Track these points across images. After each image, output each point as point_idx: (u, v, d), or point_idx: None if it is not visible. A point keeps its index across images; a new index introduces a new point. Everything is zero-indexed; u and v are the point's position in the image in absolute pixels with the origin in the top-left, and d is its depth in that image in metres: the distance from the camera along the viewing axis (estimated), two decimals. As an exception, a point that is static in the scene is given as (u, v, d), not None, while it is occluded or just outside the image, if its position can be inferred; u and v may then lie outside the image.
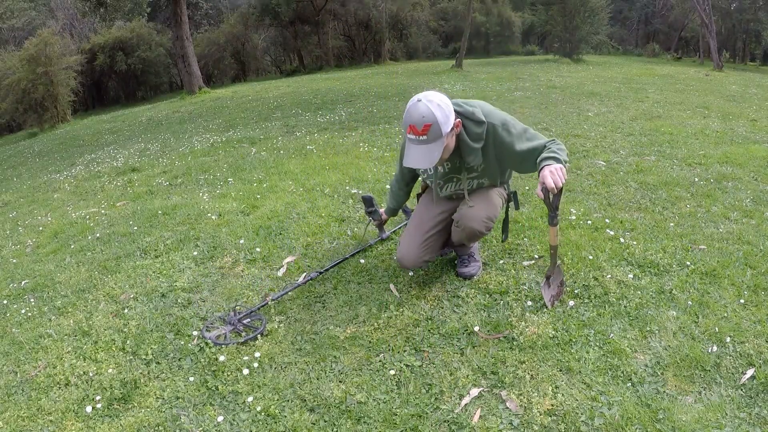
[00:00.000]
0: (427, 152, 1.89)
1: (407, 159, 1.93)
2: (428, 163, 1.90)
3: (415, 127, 1.85)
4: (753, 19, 23.94)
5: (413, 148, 1.90)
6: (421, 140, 1.87)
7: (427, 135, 1.85)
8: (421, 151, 1.89)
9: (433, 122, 1.84)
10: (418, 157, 1.90)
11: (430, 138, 1.86)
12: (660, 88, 9.06)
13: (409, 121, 1.86)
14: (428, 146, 1.88)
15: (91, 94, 26.97)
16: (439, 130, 1.85)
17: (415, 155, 1.90)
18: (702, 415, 1.55)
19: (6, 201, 5.24)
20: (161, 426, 1.66)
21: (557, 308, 2.11)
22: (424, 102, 1.85)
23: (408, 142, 1.92)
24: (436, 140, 1.87)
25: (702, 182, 3.57)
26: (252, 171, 4.61)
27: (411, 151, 1.91)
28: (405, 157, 1.95)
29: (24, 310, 2.52)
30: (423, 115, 1.84)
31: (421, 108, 1.85)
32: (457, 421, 1.59)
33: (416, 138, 1.87)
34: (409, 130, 1.87)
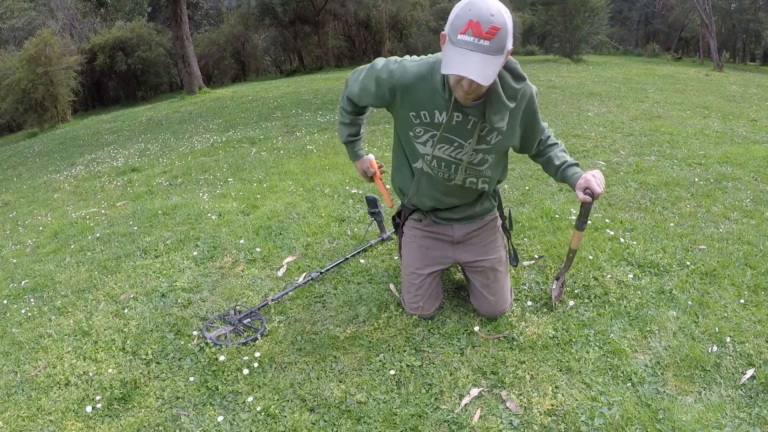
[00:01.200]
0: (486, 63, 1.37)
1: (455, 65, 1.39)
2: (485, 77, 1.38)
3: (478, 26, 1.34)
4: (753, 19, 23.92)
5: (467, 53, 1.37)
6: (481, 45, 1.35)
7: (492, 40, 1.35)
8: (478, 59, 1.36)
9: (502, 26, 1.36)
10: (474, 65, 1.37)
11: (494, 46, 1.36)
12: (660, 88, 9.06)
13: (471, 15, 1.35)
14: (489, 57, 1.37)
15: (91, 94, 26.96)
16: (505, 38, 1.38)
17: (468, 62, 1.37)
18: (702, 415, 1.55)
19: (6, 201, 5.24)
20: (161, 426, 1.66)
21: (557, 308, 2.11)
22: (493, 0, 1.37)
23: (456, 47, 1.39)
24: (498, 53, 1.38)
25: (702, 182, 3.57)
26: (252, 171, 4.61)
27: (462, 56, 1.37)
28: (449, 62, 1.40)
29: (24, 310, 2.52)
30: (492, 13, 1.35)
31: (490, 4, 1.35)
32: (457, 421, 1.59)
33: (474, 41, 1.35)
34: (466, 29, 1.35)
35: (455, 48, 1.39)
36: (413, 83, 1.64)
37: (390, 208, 2.08)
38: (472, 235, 2.00)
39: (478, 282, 2.02)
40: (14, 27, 22.00)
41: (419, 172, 1.85)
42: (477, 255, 2.00)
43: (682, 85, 9.79)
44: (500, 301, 2.03)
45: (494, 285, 2.01)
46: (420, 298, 2.03)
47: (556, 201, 3.28)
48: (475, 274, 2.03)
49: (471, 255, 2.01)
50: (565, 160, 1.87)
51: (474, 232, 2.00)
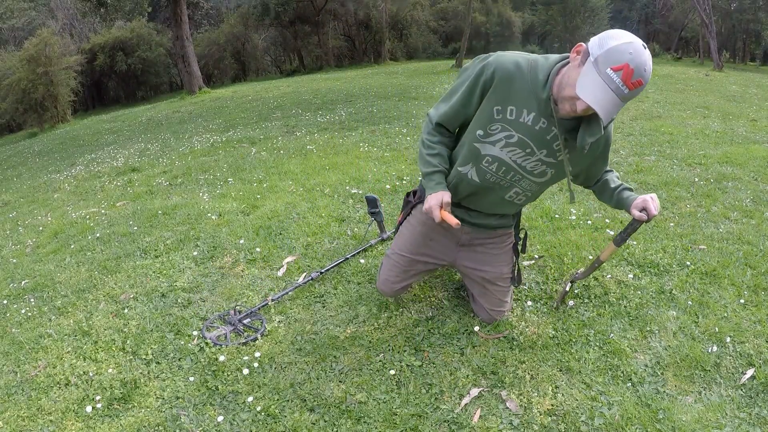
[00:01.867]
0: (617, 107, 1.44)
1: (591, 94, 1.42)
2: (609, 116, 1.45)
3: (630, 74, 1.38)
4: (753, 19, 23.95)
5: (606, 89, 1.41)
6: (622, 90, 1.40)
7: (631, 92, 1.41)
8: (612, 100, 1.42)
9: (646, 83, 1.42)
10: (607, 103, 1.42)
11: (630, 96, 1.43)
12: (660, 88, 9.06)
13: (629, 60, 1.38)
14: (620, 102, 1.43)
15: (91, 94, 26.98)
16: (639, 93, 1.46)
17: (604, 98, 1.42)
18: (702, 415, 1.55)
19: (6, 201, 5.24)
20: (161, 426, 1.66)
21: (559, 308, 2.11)
22: (649, 55, 1.43)
23: (601, 79, 1.41)
24: (627, 101, 1.46)
25: (702, 182, 3.57)
26: (252, 171, 4.61)
27: (601, 90, 1.41)
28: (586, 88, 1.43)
29: (24, 310, 2.52)
30: (646, 69, 1.39)
31: (648, 60, 1.41)
32: (457, 421, 1.59)
33: (620, 84, 1.39)
34: (619, 69, 1.39)
35: (598, 78, 1.42)
36: (512, 73, 1.58)
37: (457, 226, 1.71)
38: (479, 242, 1.96)
39: (475, 289, 2.04)
40: (14, 27, 22.01)
41: (459, 177, 1.78)
42: (477, 264, 1.97)
43: (682, 85, 9.79)
44: (496, 310, 2.02)
45: (490, 296, 2.00)
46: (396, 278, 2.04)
47: (556, 201, 3.28)
48: (471, 282, 2.03)
49: (471, 262, 1.97)
50: (620, 183, 1.83)
51: (481, 240, 1.96)
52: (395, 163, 4.35)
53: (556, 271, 2.39)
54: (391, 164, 4.31)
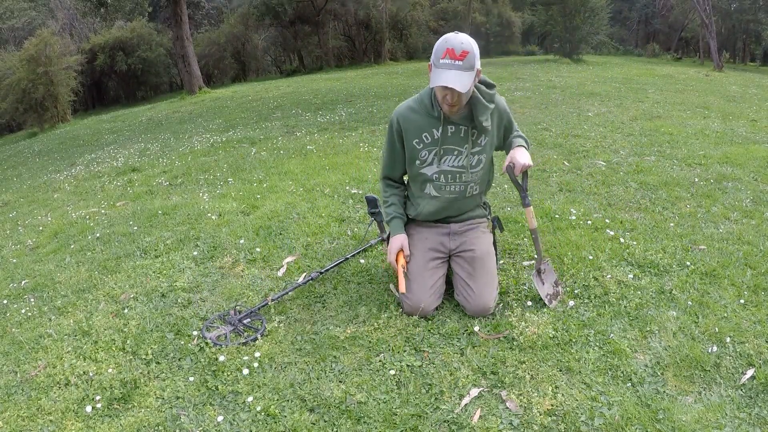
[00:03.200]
0: (462, 76, 1.84)
1: (440, 79, 1.84)
2: (463, 86, 1.84)
3: (453, 51, 1.83)
4: (753, 20, 23.93)
5: (447, 71, 1.84)
6: (457, 65, 1.83)
7: (464, 60, 1.83)
8: (456, 74, 1.84)
9: (470, 50, 1.84)
10: (453, 78, 1.83)
11: (466, 64, 1.84)
12: (660, 88, 9.06)
13: (447, 45, 1.84)
14: (463, 72, 1.84)
15: (91, 94, 26.96)
16: (474, 59, 1.85)
17: (449, 76, 1.84)
18: (702, 415, 1.55)
19: (6, 201, 5.24)
20: (161, 426, 1.66)
21: (557, 308, 2.11)
22: (462, 34, 1.87)
23: (439, 69, 1.86)
24: (469, 69, 1.85)
25: (702, 182, 3.57)
26: (252, 171, 4.61)
27: (444, 73, 1.84)
28: (436, 78, 1.86)
29: (24, 309, 2.52)
30: (462, 42, 1.84)
31: (460, 36, 1.87)
32: (457, 421, 1.59)
33: (452, 62, 1.83)
34: (445, 54, 1.84)
35: (438, 69, 1.87)
36: (408, 115, 2.07)
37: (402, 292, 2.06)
38: (464, 230, 2.23)
39: (463, 271, 2.12)
40: (14, 27, 22.00)
41: (424, 198, 2.19)
42: (467, 245, 2.19)
43: (682, 85, 9.79)
44: (483, 292, 2.05)
45: (477, 276, 2.08)
46: (422, 292, 2.05)
47: (556, 201, 3.28)
48: (462, 261, 2.15)
49: (462, 244, 2.19)
50: (515, 135, 2.20)
51: (466, 228, 2.24)
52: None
53: (556, 271, 2.39)
54: (391, 164, 4.31)
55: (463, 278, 2.11)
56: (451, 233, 2.22)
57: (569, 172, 3.92)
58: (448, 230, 2.22)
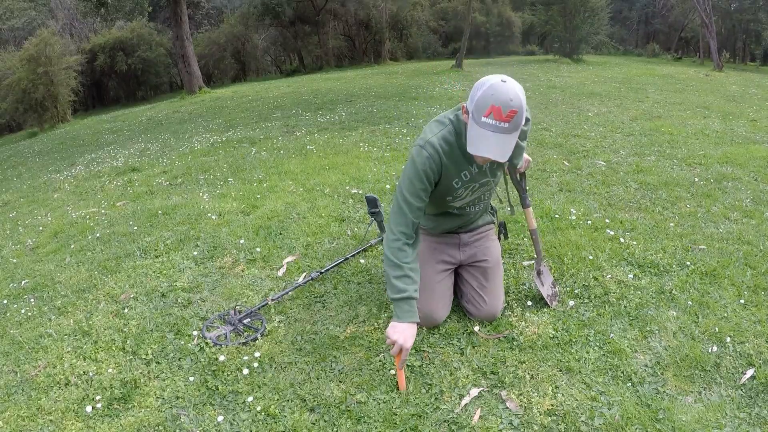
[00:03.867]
0: (505, 142, 1.59)
1: (479, 147, 1.60)
2: (504, 155, 1.60)
3: (499, 111, 1.54)
4: (753, 20, 23.92)
5: (488, 135, 1.58)
6: (501, 127, 1.56)
7: (510, 123, 1.56)
8: (498, 140, 1.58)
9: (519, 108, 1.56)
10: (495, 146, 1.58)
11: (512, 127, 1.58)
12: (660, 88, 9.06)
13: (493, 101, 1.55)
14: (507, 136, 1.59)
15: (92, 94, 26.95)
16: (521, 118, 1.59)
17: (489, 143, 1.58)
18: (702, 415, 1.55)
19: (6, 201, 5.24)
20: (161, 426, 1.66)
21: (558, 308, 2.11)
22: (511, 85, 1.57)
23: (480, 128, 1.59)
24: (515, 130, 1.59)
25: (702, 182, 3.57)
26: (252, 171, 4.61)
27: (484, 138, 1.59)
28: (475, 144, 1.61)
29: (24, 310, 2.52)
30: (511, 99, 1.54)
31: (509, 90, 1.55)
32: (457, 421, 1.59)
33: (496, 124, 1.56)
34: (489, 113, 1.56)
35: (479, 129, 1.60)
36: (447, 150, 1.79)
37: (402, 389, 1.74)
38: (474, 239, 2.15)
39: (476, 281, 2.07)
40: (14, 27, 21.99)
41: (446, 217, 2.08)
42: (481, 255, 2.12)
43: (682, 85, 9.79)
44: (494, 303, 2.04)
45: (490, 287, 2.04)
46: (432, 300, 2.01)
47: (556, 201, 3.28)
48: (475, 272, 2.09)
49: (474, 256, 2.12)
50: None
51: (477, 236, 2.16)
52: (395, 163, 4.35)
53: (556, 271, 2.39)
54: (391, 164, 4.32)
55: (476, 288, 2.06)
56: (461, 244, 2.12)
57: (569, 172, 3.92)
58: (458, 241, 2.13)
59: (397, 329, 1.68)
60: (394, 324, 1.71)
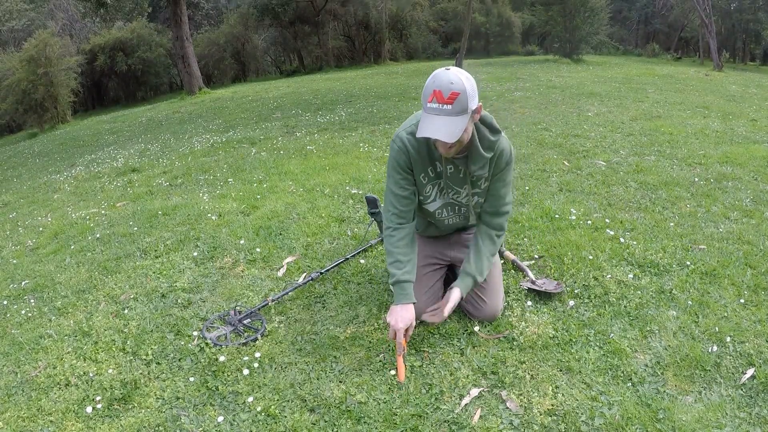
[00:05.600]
0: (450, 123, 1.62)
1: (425, 129, 1.64)
2: (450, 135, 1.62)
3: (440, 93, 1.60)
4: (753, 19, 23.93)
5: (433, 118, 1.63)
6: (444, 109, 1.61)
7: (453, 104, 1.60)
8: (443, 122, 1.62)
9: (461, 91, 1.60)
10: (440, 127, 1.62)
11: (456, 109, 1.61)
12: (660, 88, 9.06)
13: (434, 86, 1.62)
14: (452, 118, 1.62)
15: (91, 95, 26.94)
16: (466, 102, 1.61)
17: (435, 125, 1.62)
18: (702, 415, 1.55)
19: (6, 201, 5.24)
20: (161, 426, 1.66)
21: (557, 308, 2.11)
22: (453, 71, 1.63)
23: (426, 114, 1.65)
24: (461, 113, 1.62)
25: (702, 182, 3.57)
26: (252, 171, 4.61)
27: (430, 120, 1.64)
28: (421, 128, 1.65)
29: (24, 310, 2.52)
30: (452, 82, 1.60)
31: (450, 75, 1.62)
32: (457, 421, 1.59)
33: (439, 107, 1.61)
34: (432, 98, 1.62)
35: (425, 114, 1.66)
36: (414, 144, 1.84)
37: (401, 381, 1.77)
38: (467, 238, 2.16)
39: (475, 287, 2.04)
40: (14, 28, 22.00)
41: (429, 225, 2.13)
42: None
43: (682, 85, 9.79)
44: (494, 303, 2.03)
45: (489, 287, 2.02)
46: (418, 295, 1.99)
47: (556, 201, 3.28)
48: None
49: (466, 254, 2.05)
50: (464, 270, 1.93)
51: (467, 236, 2.17)
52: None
53: (556, 271, 2.39)
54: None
55: (476, 291, 2.02)
56: (452, 242, 2.16)
57: (569, 172, 3.92)
58: (448, 240, 2.17)
59: (391, 312, 1.84)
60: (391, 308, 1.85)
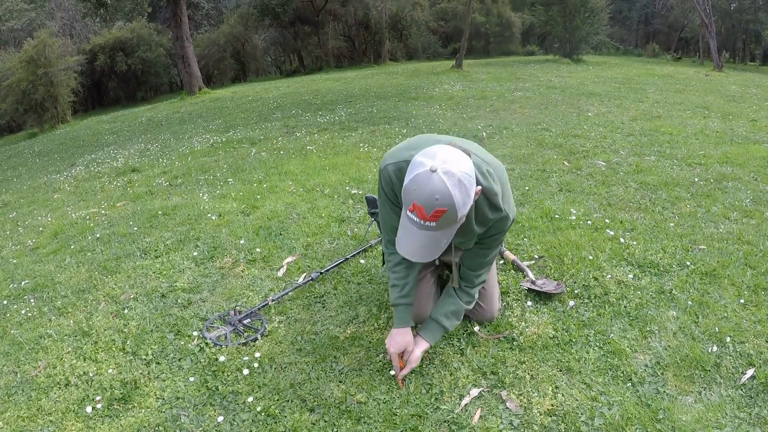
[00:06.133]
0: (432, 242, 1.38)
1: (403, 245, 1.41)
2: (431, 256, 1.41)
3: (422, 210, 1.30)
4: (753, 20, 23.94)
5: (413, 231, 1.37)
6: (427, 226, 1.34)
7: (438, 222, 1.32)
8: (423, 239, 1.37)
9: (448, 207, 1.30)
10: (419, 246, 1.39)
11: (440, 225, 1.34)
12: (660, 88, 9.06)
13: (415, 198, 1.31)
14: (434, 233, 1.36)
15: (91, 95, 26.95)
16: (455, 215, 1.32)
17: (415, 243, 1.39)
18: (702, 415, 1.55)
19: (6, 201, 5.24)
20: (161, 426, 1.66)
21: (557, 308, 2.11)
22: (439, 174, 1.28)
23: (405, 220, 1.39)
24: (446, 227, 1.36)
25: (702, 182, 3.57)
26: (252, 171, 4.61)
27: (409, 235, 1.39)
28: (399, 241, 1.42)
29: (24, 310, 2.52)
30: (437, 196, 1.29)
31: (435, 184, 1.28)
32: (457, 421, 1.59)
33: (420, 222, 1.34)
34: (412, 209, 1.33)
35: (404, 221, 1.39)
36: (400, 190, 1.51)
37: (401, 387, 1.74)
38: None
39: None
40: (14, 28, 21.99)
41: None
42: None
43: (682, 85, 9.79)
44: (491, 307, 2.02)
45: (488, 295, 2.00)
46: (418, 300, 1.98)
47: (556, 201, 3.28)
48: None
49: None
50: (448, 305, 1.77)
51: None
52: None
53: (556, 271, 2.39)
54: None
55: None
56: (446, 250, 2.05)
57: (569, 172, 3.92)
58: None
59: (389, 335, 1.77)
60: (390, 331, 1.79)
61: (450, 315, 1.77)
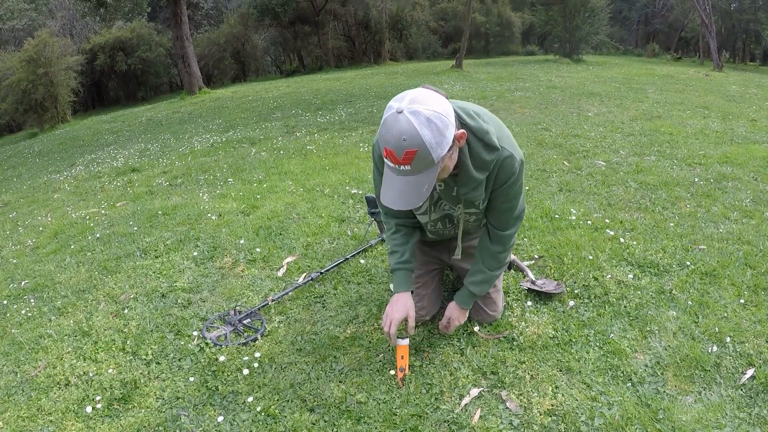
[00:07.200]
0: (411, 187, 1.34)
1: (385, 195, 1.39)
2: (412, 202, 1.36)
3: (393, 154, 1.29)
4: (753, 20, 23.95)
5: (392, 178, 1.36)
6: (402, 170, 1.32)
7: (411, 164, 1.29)
8: (402, 184, 1.34)
9: (418, 147, 1.27)
10: (398, 192, 1.35)
11: (416, 168, 1.31)
12: (660, 88, 9.06)
13: (385, 143, 1.30)
14: (413, 178, 1.33)
15: (91, 95, 26.95)
16: (428, 156, 1.29)
17: (393, 190, 1.36)
18: (702, 415, 1.55)
19: (6, 201, 5.24)
20: (161, 426, 1.66)
21: (557, 308, 2.11)
22: (406, 114, 1.26)
23: (386, 169, 1.38)
24: (424, 170, 1.32)
25: (702, 182, 3.57)
26: (252, 171, 4.61)
27: (388, 182, 1.37)
28: (383, 192, 1.40)
29: (24, 310, 2.52)
30: (404, 137, 1.26)
31: (401, 124, 1.26)
32: (457, 421, 1.59)
33: (395, 167, 1.32)
34: (386, 155, 1.32)
35: (386, 170, 1.38)
36: None
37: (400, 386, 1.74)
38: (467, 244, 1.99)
39: None
40: (14, 28, 21.99)
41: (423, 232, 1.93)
42: None
43: (682, 85, 9.79)
44: (494, 312, 2.01)
45: (492, 298, 1.99)
46: (420, 298, 2.01)
47: (556, 201, 3.28)
48: None
49: (466, 264, 1.98)
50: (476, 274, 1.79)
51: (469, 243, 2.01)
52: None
53: (556, 271, 2.39)
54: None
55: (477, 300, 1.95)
56: (452, 248, 1.97)
57: (569, 172, 3.92)
58: (448, 246, 2.03)
59: (389, 303, 1.78)
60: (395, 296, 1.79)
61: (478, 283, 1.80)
